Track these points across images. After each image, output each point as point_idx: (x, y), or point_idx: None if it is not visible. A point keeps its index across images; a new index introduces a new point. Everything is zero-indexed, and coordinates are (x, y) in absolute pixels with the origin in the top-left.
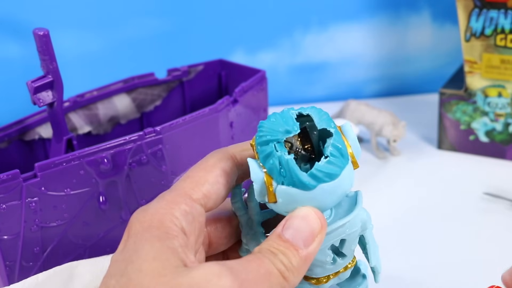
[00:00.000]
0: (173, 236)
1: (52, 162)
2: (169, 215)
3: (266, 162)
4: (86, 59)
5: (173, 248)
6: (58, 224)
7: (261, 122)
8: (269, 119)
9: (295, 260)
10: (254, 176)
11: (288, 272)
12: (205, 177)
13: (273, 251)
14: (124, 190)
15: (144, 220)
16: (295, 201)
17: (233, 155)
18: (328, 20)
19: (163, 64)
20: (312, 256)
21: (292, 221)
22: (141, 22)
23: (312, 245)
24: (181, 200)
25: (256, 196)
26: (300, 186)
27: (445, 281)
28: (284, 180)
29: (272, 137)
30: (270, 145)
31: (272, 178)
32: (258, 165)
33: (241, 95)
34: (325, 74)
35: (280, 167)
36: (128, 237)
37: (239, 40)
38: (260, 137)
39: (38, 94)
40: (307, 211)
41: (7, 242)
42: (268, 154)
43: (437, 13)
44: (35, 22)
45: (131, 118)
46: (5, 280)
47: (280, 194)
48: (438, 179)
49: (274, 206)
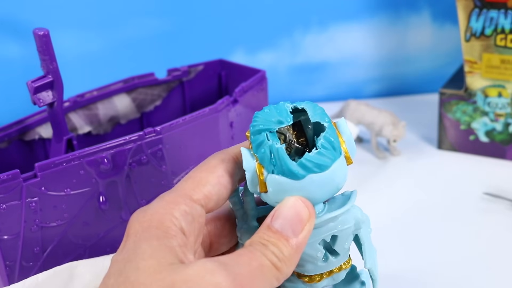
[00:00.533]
0: (172, 235)
1: (52, 162)
2: (168, 215)
3: (258, 151)
4: (86, 59)
5: (171, 247)
6: (58, 224)
7: (256, 113)
8: (264, 110)
9: (286, 250)
10: (246, 165)
11: (281, 263)
12: (206, 178)
13: (263, 243)
14: (124, 190)
15: (144, 220)
16: (285, 191)
17: (235, 156)
18: (328, 20)
19: (163, 64)
20: (302, 245)
21: (280, 211)
22: (141, 22)
23: (302, 233)
24: (181, 201)
25: (248, 186)
26: (290, 175)
27: (446, 281)
28: (274, 168)
29: (264, 127)
30: (262, 134)
31: (263, 167)
32: (250, 154)
33: (241, 95)
34: (325, 74)
35: (271, 156)
36: (127, 237)
37: (239, 40)
38: (253, 127)
39: (38, 94)
40: (294, 199)
41: (7, 242)
42: (260, 143)
43: (437, 13)
44: (35, 22)
45: (131, 118)
46: (5, 280)
47: (270, 183)
48: (438, 179)
49: (265, 197)
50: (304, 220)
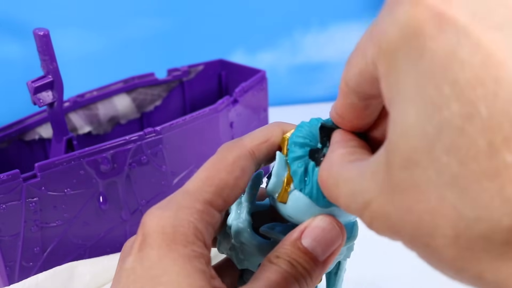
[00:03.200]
0: (200, 254)
1: (52, 162)
2: (193, 229)
3: (294, 163)
4: (86, 59)
5: (203, 272)
6: (58, 224)
7: (303, 123)
8: (312, 122)
9: (315, 273)
10: (277, 172)
11: (307, 286)
12: (226, 180)
13: (292, 263)
14: (124, 190)
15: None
16: (303, 211)
17: (251, 151)
18: (328, 20)
19: (163, 64)
20: (328, 267)
21: (312, 229)
22: (141, 22)
23: (332, 256)
24: (202, 209)
25: (268, 188)
26: (316, 200)
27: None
28: (304, 188)
29: (309, 142)
30: (305, 149)
31: (292, 180)
32: (284, 162)
33: (241, 95)
34: (325, 74)
35: (305, 175)
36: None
37: (239, 40)
38: (297, 137)
39: (38, 94)
40: (327, 219)
41: (7, 242)
42: (299, 157)
43: None
44: (35, 22)
45: (131, 118)
46: (5, 280)
47: (293, 199)
48: None
49: (280, 206)
50: (336, 243)
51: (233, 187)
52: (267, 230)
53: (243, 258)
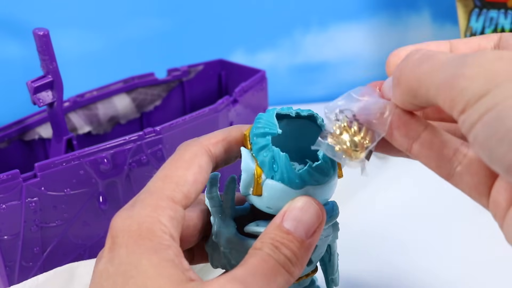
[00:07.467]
0: (167, 246)
1: (52, 162)
2: (157, 223)
3: (259, 154)
4: (86, 59)
5: (171, 261)
6: (58, 224)
7: (260, 114)
8: (268, 112)
9: (299, 252)
10: (245, 166)
11: (294, 267)
12: (184, 177)
13: (276, 245)
14: (124, 190)
15: (132, 230)
16: (279, 197)
17: (207, 149)
18: (328, 20)
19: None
20: (313, 246)
21: (292, 211)
22: (141, 22)
23: (315, 234)
24: (165, 205)
25: (241, 187)
26: (289, 184)
27: (446, 281)
28: (275, 174)
29: (269, 130)
30: (266, 138)
31: (262, 171)
32: (250, 156)
33: (241, 95)
34: (325, 74)
35: (273, 162)
36: (114, 245)
37: (239, 40)
38: (257, 129)
39: (38, 94)
40: (306, 200)
41: (7, 242)
42: (263, 147)
43: (437, 13)
44: (35, 22)
45: (131, 118)
46: (5, 281)
47: (267, 188)
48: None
49: (257, 200)
50: (317, 221)
51: (192, 182)
52: (253, 228)
53: (236, 263)
